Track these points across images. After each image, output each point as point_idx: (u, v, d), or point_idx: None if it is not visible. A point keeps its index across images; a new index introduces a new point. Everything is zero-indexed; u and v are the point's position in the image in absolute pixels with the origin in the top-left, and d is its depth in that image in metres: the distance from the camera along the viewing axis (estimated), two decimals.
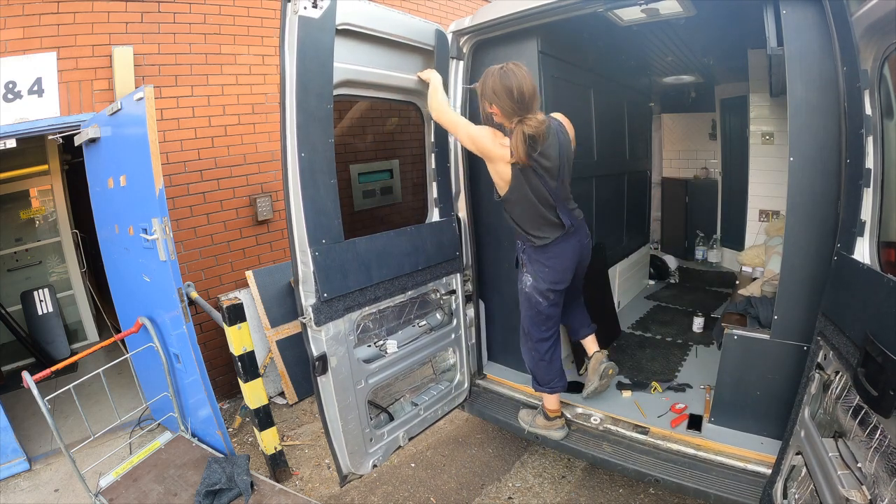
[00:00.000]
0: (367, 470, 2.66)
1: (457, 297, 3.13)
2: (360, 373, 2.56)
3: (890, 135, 1.66)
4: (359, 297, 2.51)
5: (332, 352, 2.39)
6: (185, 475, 2.98)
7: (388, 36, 2.55)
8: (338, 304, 2.39)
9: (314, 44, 2.16)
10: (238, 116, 4.28)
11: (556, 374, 2.80)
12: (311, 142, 2.22)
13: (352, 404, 2.52)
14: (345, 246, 2.42)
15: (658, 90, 6.06)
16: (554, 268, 2.57)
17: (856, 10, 1.64)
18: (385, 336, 2.86)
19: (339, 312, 2.40)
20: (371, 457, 2.66)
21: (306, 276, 2.27)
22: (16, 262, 5.31)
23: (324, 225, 2.30)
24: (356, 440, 2.57)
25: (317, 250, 2.26)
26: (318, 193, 2.26)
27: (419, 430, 2.96)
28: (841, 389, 1.79)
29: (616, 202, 4.75)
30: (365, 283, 2.53)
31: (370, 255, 2.56)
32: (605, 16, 2.94)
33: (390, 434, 2.78)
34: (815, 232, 2.14)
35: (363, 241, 2.54)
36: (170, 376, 3.26)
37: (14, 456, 3.43)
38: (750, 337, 2.53)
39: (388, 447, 2.77)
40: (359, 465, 2.61)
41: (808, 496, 1.85)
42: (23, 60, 3.28)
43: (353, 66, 2.45)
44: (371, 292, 2.57)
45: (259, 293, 4.23)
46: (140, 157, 2.77)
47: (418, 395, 3.09)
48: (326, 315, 2.35)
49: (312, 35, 2.14)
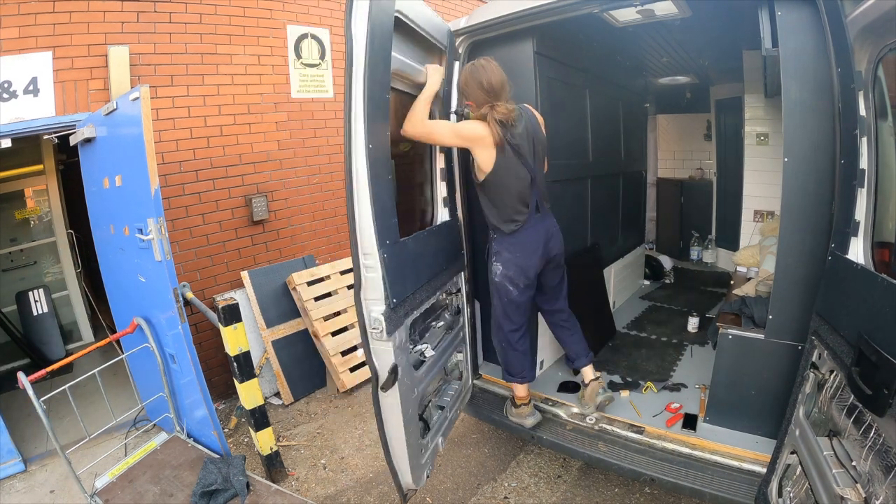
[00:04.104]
0: (423, 482, 2.50)
1: (461, 296, 3.13)
2: (414, 381, 2.39)
3: (884, 136, 1.67)
4: (411, 301, 2.35)
5: (399, 362, 2.19)
6: (181, 476, 2.97)
7: (422, 30, 2.52)
8: (401, 309, 2.22)
9: (380, 26, 2.01)
10: (234, 116, 4.27)
11: (527, 365, 2.87)
12: (376, 132, 2.02)
13: (412, 416, 2.34)
14: (401, 246, 2.25)
15: (653, 91, 6.08)
16: (523, 253, 2.64)
17: (850, 12, 1.65)
18: (418, 340, 2.73)
19: (401, 318, 2.22)
20: (425, 468, 2.52)
21: (373, 281, 2.07)
22: (10, 263, 5.27)
23: (387, 224, 2.12)
24: (416, 453, 2.39)
25: (385, 252, 2.07)
26: (381, 189, 2.07)
27: (449, 432, 2.89)
28: (835, 388, 1.81)
29: (611, 203, 4.76)
30: (416, 285, 2.38)
31: (417, 256, 2.43)
32: (600, 17, 2.95)
33: (432, 441, 2.64)
34: (810, 232, 2.16)
35: (411, 241, 2.37)
36: (165, 377, 3.25)
37: (9, 457, 3.41)
38: (745, 336, 2.55)
39: (433, 454, 2.63)
40: (419, 478, 2.45)
41: (803, 495, 1.86)
42: (18, 60, 3.26)
43: (398, 56, 2.31)
44: (420, 294, 2.44)
45: (255, 293, 4.23)
46: (135, 157, 2.76)
47: (438, 397, 3.01)
48: (394, 323, 2.14)
49: (379, 16, 1.99)
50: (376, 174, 2.01)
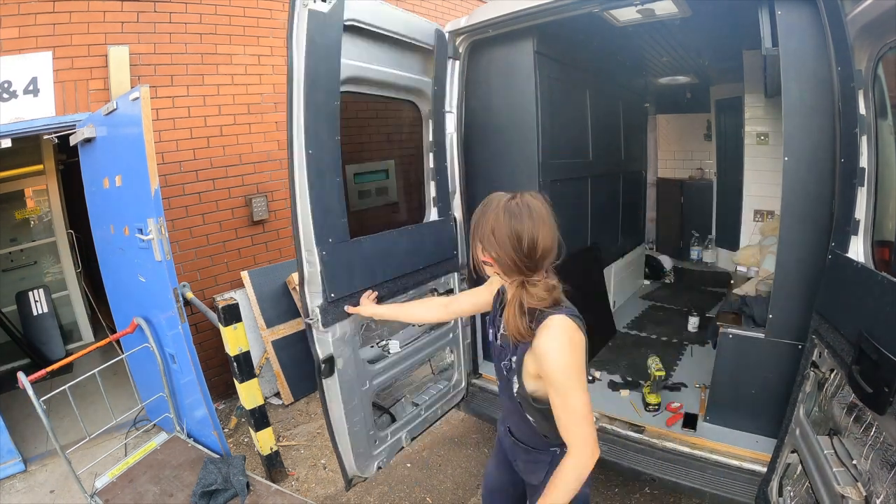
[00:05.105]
0: (372, 472, 2.63)
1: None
2: (364, 374, 2.54)
3: (884, 134, 1.67)
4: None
5: (339, 353, 2.35)
6: (181, 476, 2.97)
7: (392, 34, 2.54)
8: (344, 304, 2.35)
9: (323, 38, 2.11)
10: (234, 116, 4.27)
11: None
12: (319, 139, 2.15)
13: (357, 406, 2.49)
14: (351, 245, 2.38)
15: (653, 91, 6.08)
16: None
17: (850, 11, 1.66)
18: (387, 336, 2.83)
19: (346, 313, 2.36)
20: (376, 459, 2.64)
21: (312, 276, 2.22)
22: (11, 263, 5.28)
23: (330, 224, 2.25)
24: (362, 442, 2.54)
25: (324, 249, 2.22)
26: (324, 192, 2.21)
27: (421, 430, 2.95)
28: (836, 387, 1.81)
29: (611, 202, 4.76)
30: (370, 282, 2.49)
31: (375, 255, 2.53)
32: (600, 16, 2.94)
33: (393, 435, 2.76)
34: (810, 231, 2.16)
35: (368, 241, 2.50)
36: (165, 377, 3.25)
37: (9, 457, 3.41)
38: (745, 336, 2.55)
39: (392, 448, 2.75)
40: (364, 467, 2.58)
41: (804, 494, 1.86)
42: (18, 60, 3.26)
43: (358, 63, 2.42)
44: (378, 291, 2.53)
45: (255, 293, 4.22)
46: (135, 157, 2.75)
47: (418, 394, 3.08)
48: (333, 316, 2.30)
49: (321, 29, 2.09)
50: (318, 178, 2.16)
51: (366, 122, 4.88)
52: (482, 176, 3.31)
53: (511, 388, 1.63)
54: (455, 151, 3.09)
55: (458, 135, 3.10)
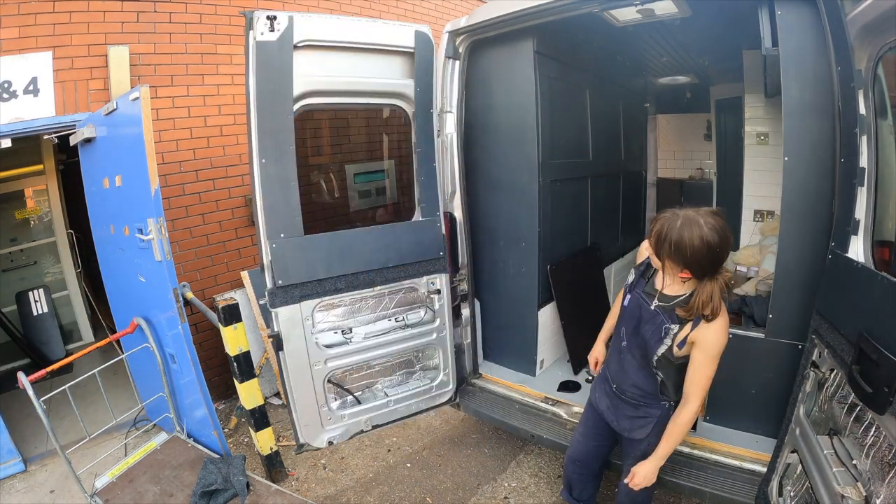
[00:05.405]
0: (322, 444, 2.91)
1: (441, 297, 3.12)
2: (318, 355, 2.80)
3: (884, 134, 1.67)
4: (316, 287, 2.73)
5: (287, 333, 2.67)
6: (181, 476, 2.97)
7: (355, 44, 2.64)
8: (293, 291, 2.65)
9: (273, 64, 2.41)
10: (234, 116, 4.27)
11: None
12: (272, 150, 2.48)
13: (307, 382, 2.78)
14: (304, 240, 2.65)
15: (653, 91, 6.08)
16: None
17: (850, 11, 1.66)
18: (357, 326, 3.01)
19: (295, 298, 2.66)
20: (327, 433, 2.90)
21: (266, 265, 2.56)
22: (10, 263, 5.27)
23: (282, 221, 2.57)
24: (311, 415, 2.84)
25: (274, 243, 2.55)
26: (277, 194, 2.54)
27: (387, 420, 3.09)
28: (836, 387, 1.81)
29: (611, 202, 4.76)
30: (323, 274, 2.73)
31: (332, 250, 2.76)
32: (600, 16, 2.94)
33: (352, 417, 2.97)
34: (810, 231, 2.16)
35: (324, 237, 2.75)
36: (165, 377, 3.25)
37: (9, 457, 3.41)
38: (745, 336, 2.55)
39: (349, 429, 2.97)
40: (313, 438, 2.87)
41: (804, 493, 1.86)
42: (18, 60, 3.26)
43: (319, 77, 2.62)
44: (331, 284, 2.76)
45: (254, 293, 4.22)
46: (136, 157, 2.75)
47: (393, 387, 3.17)
48: (281, 299, 2.62)
49: (270, 56, 2.40)
50: (271, 183, 2.51)
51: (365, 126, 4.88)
52: (482, 176, 3.32)
53: (648, 347, 1.93)
54: (455, 151, 3.09)
55: (458, 135, 3.10)
